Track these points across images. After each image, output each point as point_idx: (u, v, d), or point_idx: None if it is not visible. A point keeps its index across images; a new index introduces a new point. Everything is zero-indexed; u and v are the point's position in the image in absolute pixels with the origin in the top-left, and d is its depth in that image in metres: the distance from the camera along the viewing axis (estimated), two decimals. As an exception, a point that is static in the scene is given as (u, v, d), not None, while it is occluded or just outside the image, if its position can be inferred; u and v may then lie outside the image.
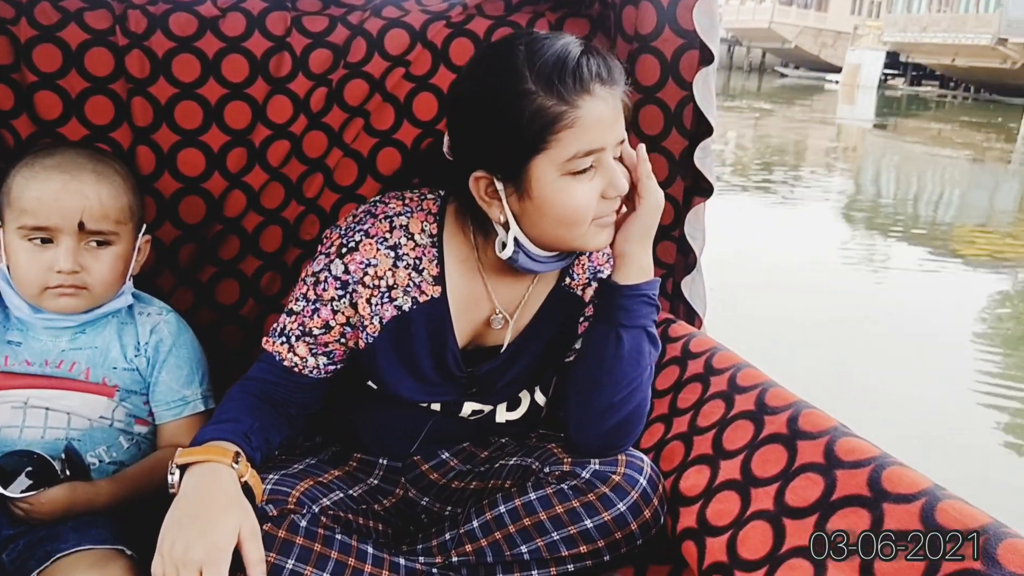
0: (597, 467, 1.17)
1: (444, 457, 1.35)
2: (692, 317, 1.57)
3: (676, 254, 1.59)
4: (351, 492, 1.24)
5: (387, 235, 1.17)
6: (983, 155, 12.63)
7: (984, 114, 20.04)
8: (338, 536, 1.15)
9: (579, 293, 1.29)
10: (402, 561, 1.19)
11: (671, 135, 1.52)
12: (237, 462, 1.06)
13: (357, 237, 1.16)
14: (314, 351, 1.20)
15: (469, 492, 1.29)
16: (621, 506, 1.14)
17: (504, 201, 1.09)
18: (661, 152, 1.53)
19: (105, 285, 1.27)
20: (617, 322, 1.18)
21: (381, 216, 1.18)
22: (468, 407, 1.29)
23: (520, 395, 1.32)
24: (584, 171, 1.07)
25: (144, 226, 1.33)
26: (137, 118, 1.50)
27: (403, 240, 1.18)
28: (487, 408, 1.31)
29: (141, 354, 1.32)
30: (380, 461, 1.33)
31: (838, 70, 31.12)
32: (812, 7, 40.57)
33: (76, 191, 1.21)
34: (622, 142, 1.12)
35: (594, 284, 1.29)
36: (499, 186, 1.08)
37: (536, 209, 1.08)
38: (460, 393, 1.27)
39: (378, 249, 1.16)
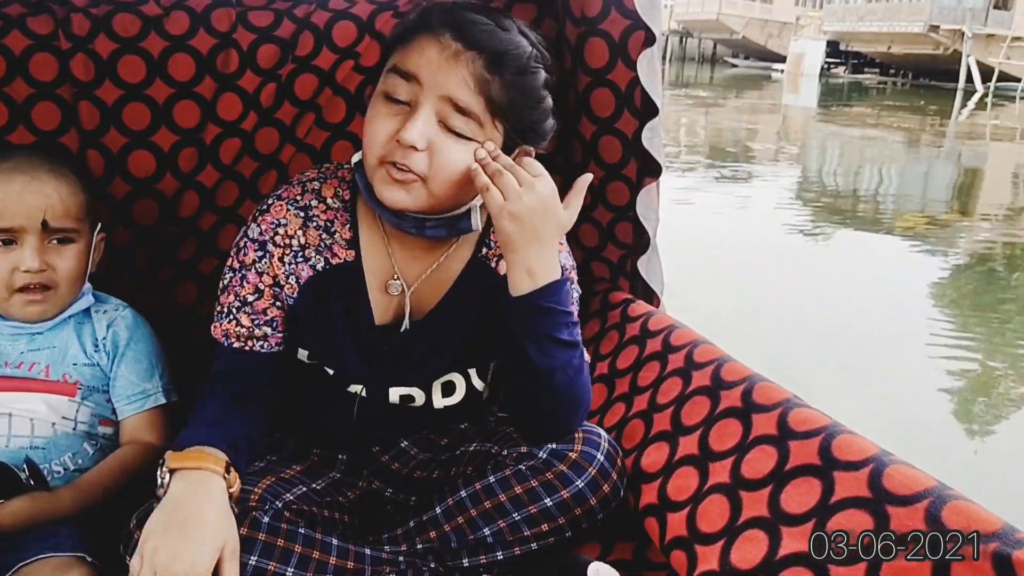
0: (554, 446, 1.17)
1: (403, 446, 1.35)
2: (651, 296, 1.58)
3: (633, 234, 1.60)
4: (314, 486, 1.25)
5: (298, 197, 1.20)
6: (917, 137, 13.36)
7: (917, 98, 20.95)
8: (301, 530, 1.15)
9: (493, 265, 1.25)
10: (368, 551, 1.19)
11: (623, 116, 1.53)
12: (228, 472, 1.06)
13: (270, 201, 1.21)
14: (256, 320, 1.20)
15: (432, 480, 1.30)
16: (579, 483, 1.15)
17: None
18: (614, 133, 1.54)
19: (70, 282, 1.28)
20: (516, 334, 1.14)
21: (295, 183, 1.23)
22: (395, 393, 1.27)
23: (453, 379, 1.29)
24: (394, 100, 1.07)
25: (99, 224, 1.34)
26: (84, 122, 1.49)
27: (314, 203, 1.20)
28: (416, 393, 1.28)
29: (100, 349, 1.32)
30: (340, 455, 1.33)
31: (784, 59, 31.82)
32: (758, -1, 41.38)
33: (37, 190, 1.22)
34: (451, 101, 1.05)
35: None
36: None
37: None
38: (378, 366, 1.25)
39: (288, 210, 1.19)
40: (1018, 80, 21.62)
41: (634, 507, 1.19)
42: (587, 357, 1.26)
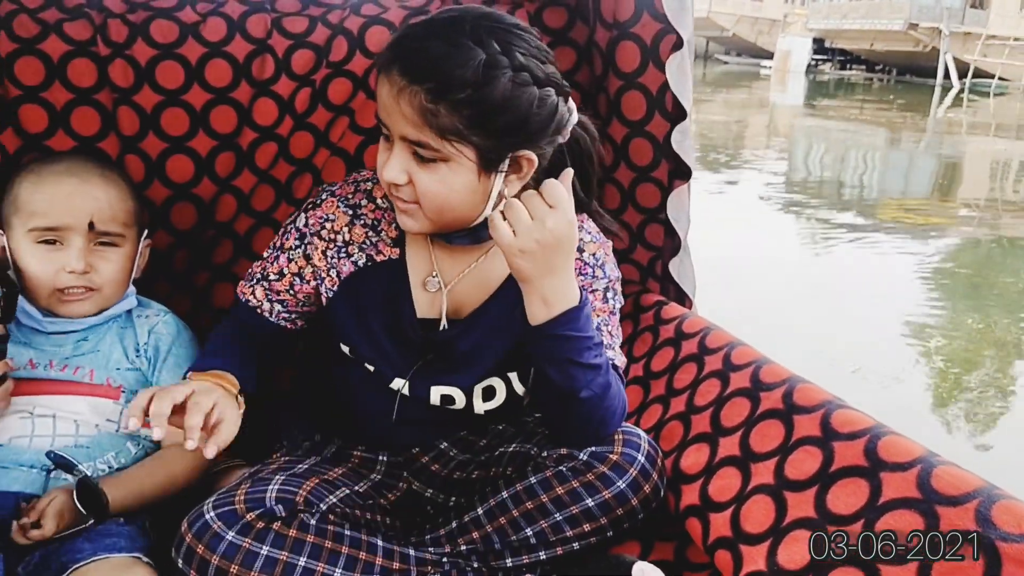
0: (594, 448, 1.19)
1: (443, 447, 1.37)
2: (682, 298, 1.60)
3: (664, 236, 1.62)
4: (356, 488, 1.26)
5: (349, 196, 1.27)
6: (898, 131, 13.96)
7: (899, 94, 21.70)
8: (347, 531, 1.17)
9: None
10: (412, 552, 1.21)
11: (654, 119, 1.54)
12: (239, 397, 1.18)
13: (324, 196, 1.27)
14: (269, 296, 1.31)
15: (472, 481, 1.31)
16: (620, 483, 1.17)
17: None
18: (645, 136, 1.56)
19: (113, 286, 1.32)
20: (536, 358, 1.16)
21: (350, 181, 1.29)
22: (436, 392, 1.29)
23: (494, 384, 1.31)
24: (384, 140, 1.11)
25: (146, 231, 1.38)
26: (124, 127, 1.50)
27: (364, 202, 1.26)
28: (457, 395, 1.30)
29: (142, 355, 1.35)
30: (381, 458, 1.35)
31: (773, 56, 32.47)
32: (748, -5, 41.64)
33: (86, 193, 1.27)
34: (413, 143, 1.06)
35: None
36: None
37: None
38: (418, 360, 1.27)
39: (338, 206, 1.26)
40: (992, 76, 22.46)
41: (675, 508, 1.21)
42: (622, 359, 1.28)
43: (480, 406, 1.31)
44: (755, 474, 1.11)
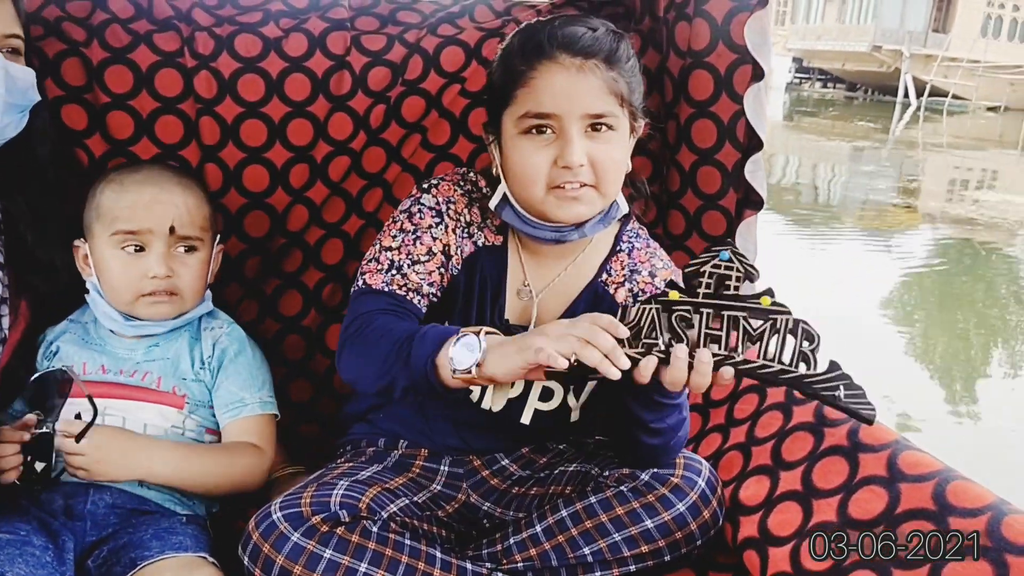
0: (656, 470, 1.20)
1: (504, 463, 1.39)
2: (745, 327, 1.59)
3: (729, 265, 1.61)
4: (416, 499, 1.28)
5: (461, 181, 1.33)
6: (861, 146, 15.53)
7: (868, 111, 23.84)
8: (407, 541, 1.19)
9: (612, 291, 1.33)
10: (469, 566, 1.23)
11: (724, 148, 1.54)
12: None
13: (434, 181, 1.33)
14: (423, 279, 1.26)
15: (530, 498, 1.32)
16: (680, 506, 1.17)
17: (492, 151, 1.26)
18: (714, 164, 1.56)
19: (193, 290, 1.36)
20: (623, 393, 1.18)
21: (453, 171, 1.36)
22: None
23: (553, 387, 1.34)
24: (538, 134, 1.17)
25: (219, 236, 1.42)
26: (205, 136, 1.55)
27: (473, 188, 1.33)
28: (514, 393, 1.32)
29: (206, 367, 1.37)
30: (442, 467, 1.37)
31: (759, 74, 34.30)
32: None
33: (166, 200, 1.31)
34: (598, 116, 1.16)
35: (628, 284, 1.33)
36: (488, 137, 1.26)
37: (508, 163, 1.22)
38: None
39: (455, 189, 1.32)
40: (946, 95, 24.36)
41: (732, 539, 1.21)
42: None
43: (534, 401, 1.33)
44: (817, 511, 1.11)
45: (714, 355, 1.00)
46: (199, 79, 1.53)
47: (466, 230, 1.31)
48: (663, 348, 1.03)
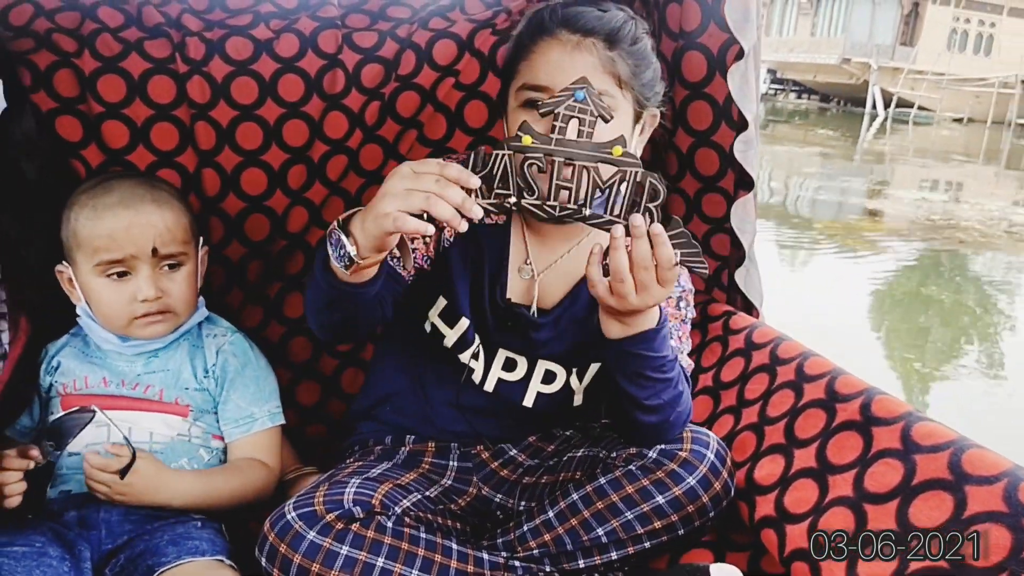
0: (663, 446, 1.20)
1: (512, 453, 1.39)
2: (749, 308, 1.59)
3: (729, 246, 1.61)
4: (428, 493, 1.28)
5: (465, 161, 1.27)
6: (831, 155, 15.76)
7: (840, 121, 24.49)
8: (423, 534, 1.19)
9: None
10: (486, 556, 1.23)
11: (720, 128, 1.54)
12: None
13: (439, 158, 1.28)
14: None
15: (540, 486, 1.33)
16: (691, 480, 1.18)
17: (505, 120, 1.26)
18: (711, 146, 1.55)
19: (185, 303, 1.34)
20: (608, 367, 1.19)
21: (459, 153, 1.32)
22: (503, 354, 1.33)
23: (555, 369, 1.34)
24: (534, 107, 1.13)
25: (201, 239, 1.39)
26: (201, 142, 1.55)
27: (481, 165, 1.26)
28: (520, 361, 1.33)
29: (210, 376, 1.37)
30: (451, 463, 1.37)
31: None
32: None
33: (144, 223, 1.28)
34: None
35: None
36: (504, 109, 1.26)
37: (508, 134, 1.21)
38: (496, 330, 1.31)
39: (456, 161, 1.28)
40: (911, 106, 25.74)
41: (749, 518, 1.20)
42: (688, 363, 1.30)
43: (536, 383, 1.34)
44: (833, 486, 1.10)
45: (561, 207, 0.99)
46: (192, 84, 1.52)
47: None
48: (515, 200, 1.00)
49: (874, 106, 26.18)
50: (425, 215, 0.96)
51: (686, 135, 1.57)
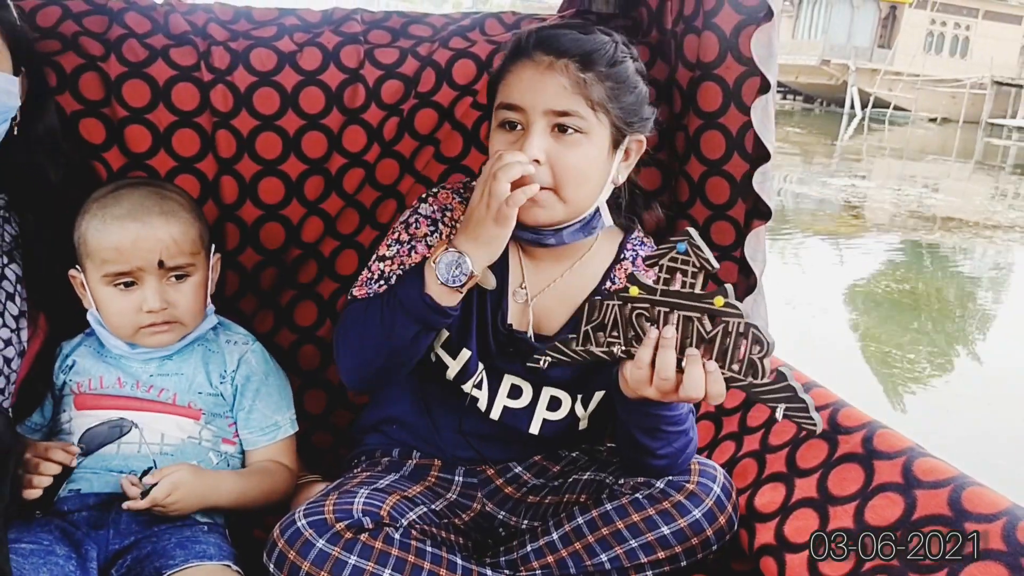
0: (671, 476, 1.22)
1: (517, 471, 1.40)
2: (755, 336, 1.61)
3: (738, 275, 1.63)
4: (434, 507, 1.30)
5: (461, 190, 1.37)
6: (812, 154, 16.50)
7: (823, 121, 25.27)
8: (429, 548, 1.20)
9: None
10: (489, 572, 1.24)
11: (733, 159, 1.56)
12: None
13: (435, 190, 1.37)
14: None
15: (544, 506, 1.34)
16: (696, 512, 1.19)
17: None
18: (722, 175, 1.57)
19: (192, 313, 1.35)
20: (623, 417, 1.20)
21: (455, 180, 1.42)
22: (508, 382, 1.34)
23: (560, 396, 1.35)
24: (509, 129, 1.21)
25: (213, 246, 1.40)
26: (221, 149, 1.57)
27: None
28: (525, 387, 1.35)
29: (227, 381, 1.38)
30: (457, 478, 1.38)
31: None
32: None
33: (150, 236, 1.28)
34: (561, 114, 1.17)
35: None
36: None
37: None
38: (499, 357, 1.33)
39: (453, 198, 1.35)
40: (888, 105, 26.86)
41: (748, 546, 1.22)
42: None
43: (542, 411, 1.35)
44: (834, 517, 1.12)
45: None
46: (215, 93, 1.55)
47: None
48: (624, 347, 1.05)
49: (852, 106, 27.14)
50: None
51: (698, 163, 1.60)
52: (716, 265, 1.03)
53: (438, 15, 1.75)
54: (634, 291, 1.04)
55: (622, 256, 1.37)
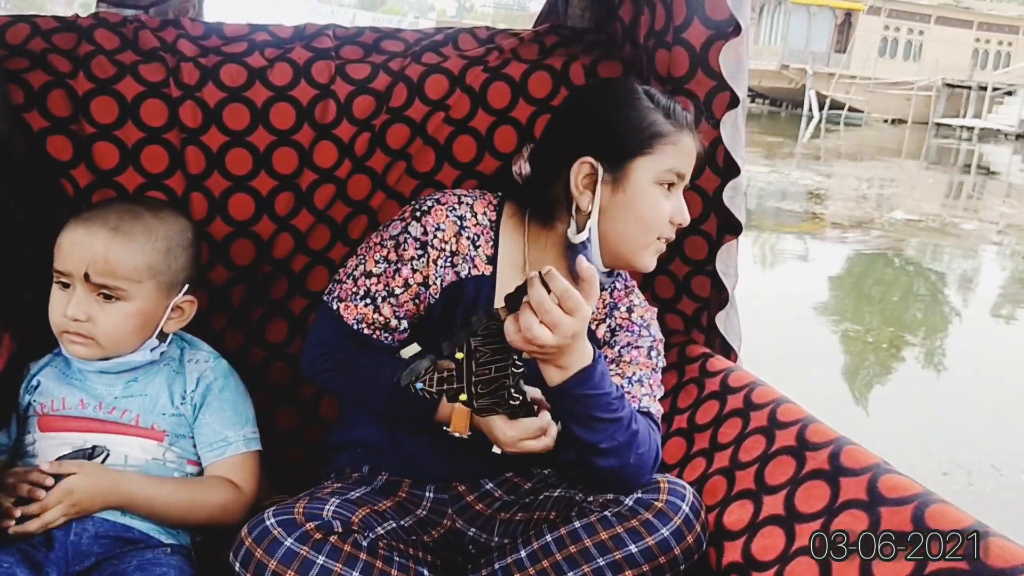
0: (640, 494, 1.21)
1: (488, 488, 1.39)
2: (728, 351, 1.60)
3: (710, 289, 1.63)
4: (403, 523, 1.29)
5: (456, 206, 1.34)
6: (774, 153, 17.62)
7: (783, 124, 27.10)
8: (397, 558, 1.20)
9: (593, 327, 1.37)
10: None
11: (704, 173, 1.56)
12: None
13: (429, 203, 1.34)
14: (396, 313, 1.34)
15: (515, 523, 1.33)
16: (664, 531, 1.18)
17: (598, 188, 1.27)
18: (695, 190, 1.57)
19: (111, 339, 1.29)
20: (561, 417, 1.20)
21: (451, 193, 1.37)
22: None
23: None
24: (669, 188, 1.30)
25: (185, 287, 1.35)
26: (190, 166, 1.55)
27: (468, 214, 1.35)
28: None
29: (187, 401, 1.36)
30: (427, 494, 1.37)
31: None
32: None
33: (86, 245, 1.26)
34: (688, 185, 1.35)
35: (608, 321, 1.39)
36: (600, 173, 1.27)
37: (623, 203, 1.28)
38: None
39: (447, 216, 1.33)
40: (842, 107, 28.36)
41: (716, 564, 1.21)
42: (659, 408, 1.33)
43: None
44: (799, 535, 1.11)
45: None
46: (184, 109, 1.54)
47: (449, 260, 1.33)
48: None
49: (810, 108, 28.61)
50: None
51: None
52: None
53: (411, 30, 1.75)
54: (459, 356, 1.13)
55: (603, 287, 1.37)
